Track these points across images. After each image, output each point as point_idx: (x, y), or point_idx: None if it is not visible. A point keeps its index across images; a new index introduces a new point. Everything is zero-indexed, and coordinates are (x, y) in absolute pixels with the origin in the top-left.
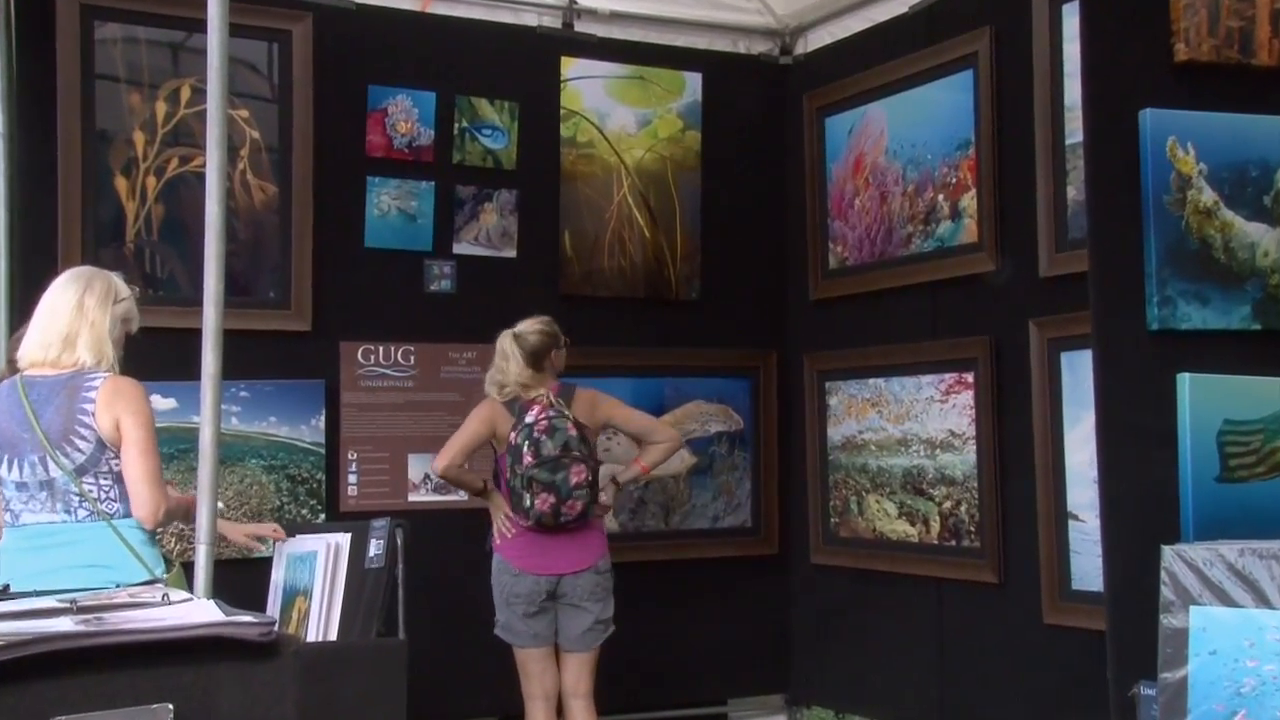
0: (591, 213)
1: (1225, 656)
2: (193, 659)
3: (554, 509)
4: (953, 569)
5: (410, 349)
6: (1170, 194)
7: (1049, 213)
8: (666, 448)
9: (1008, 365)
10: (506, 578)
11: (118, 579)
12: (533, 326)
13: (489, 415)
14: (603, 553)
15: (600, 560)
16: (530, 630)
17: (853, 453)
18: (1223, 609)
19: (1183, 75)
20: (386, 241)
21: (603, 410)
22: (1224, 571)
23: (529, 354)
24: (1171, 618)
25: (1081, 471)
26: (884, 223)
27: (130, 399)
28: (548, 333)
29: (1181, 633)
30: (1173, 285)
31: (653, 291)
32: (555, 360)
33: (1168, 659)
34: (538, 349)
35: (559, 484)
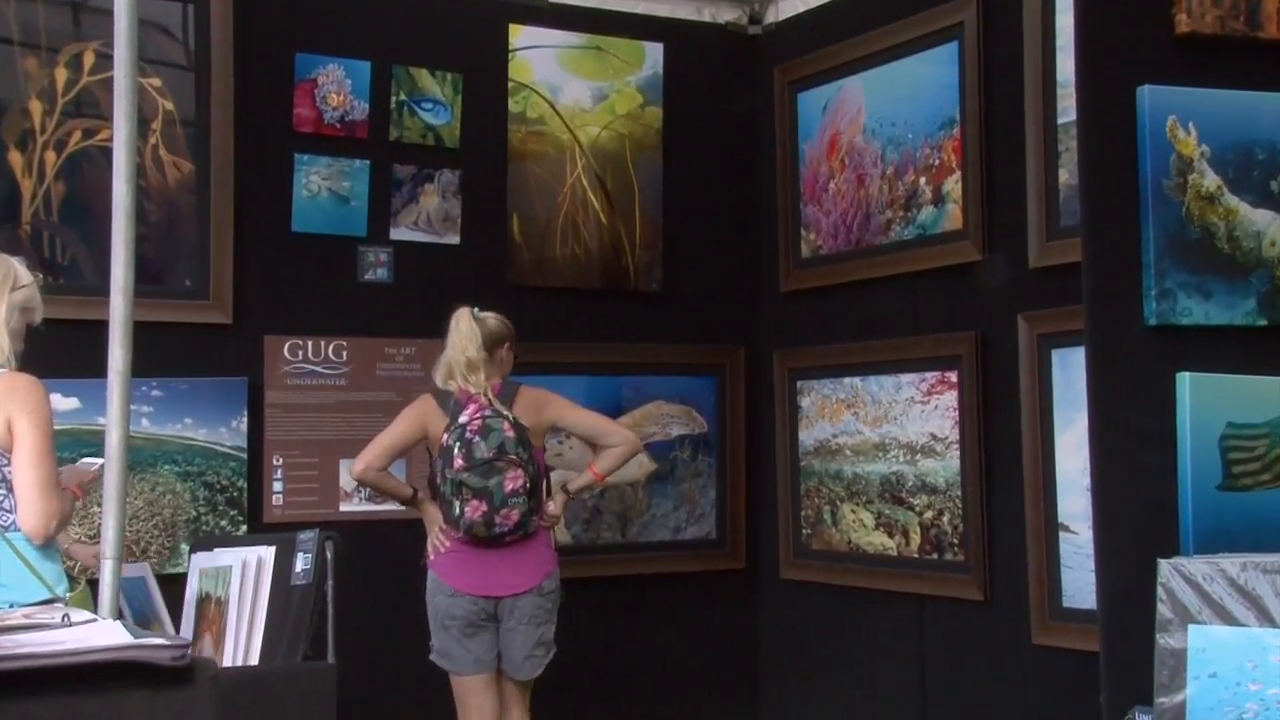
0: (542, 195)
1: (1226, 679)
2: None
3: (486, 518)
4: (934, 585)
5: (342, 344)
6: (1170, 178)
7: (1039, 198)
8: (622, 452)
9: (994, 363)
10: (441, 598)
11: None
12: (492, 314)
13: (420, 414)
14: (549, 570)
15: (545, 580)
16: (470, 654)
17: (826, 458)
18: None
19: (1184, 49)
20: (316, 226)
21: (550, 410)
22: (1225, 587)
23: (486, 335)
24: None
25: (1073, 479)
26: (861, 208)
27: (26, 397)
28: (508, 326)
29: (1179, 654)
30: (1172, 277)
31: (609, 282)
32: (505, 356)
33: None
34: (495, 334)
35: (492, 490)
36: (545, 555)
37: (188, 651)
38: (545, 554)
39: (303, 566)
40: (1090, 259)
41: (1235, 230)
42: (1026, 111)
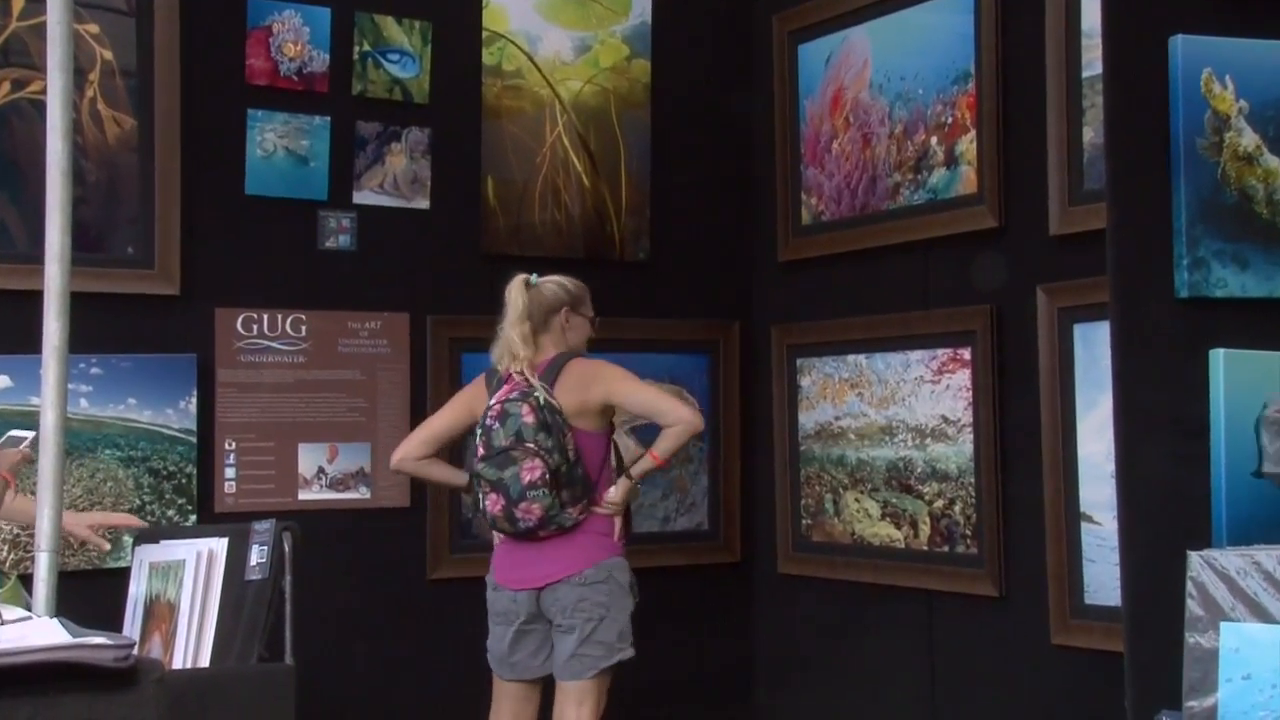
0: (520, 156)
1: (1261, 681)
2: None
3: (506, 512)
4: (945, 580)
5: (301, 318)
6: (1204, 136)
7: (1061, 159)
8: (679, 432)
9: (1011, 339)
10: (489, 591)
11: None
12: (552, 277)
13: (469, 397)
14: (593, 559)
15: (589, 568)
16: (508, 658)
17: (828, 443)
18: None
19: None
20: (272, 188)
21: (600, 386)
22: (1261, 581)
23: (539, 305)
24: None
25: (1096, 465)
26: (867, 170)
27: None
28: (567, 289)
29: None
30: (1206, 245)
31: (593, 251)
32: (566, 326)
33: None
34: (549, 302)
35: (507, 482)
36: (596, 544)
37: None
38: (597, 542)
39: (258, 560)
40: (1116, 225)
41: (1276, 194)
42: (1048, 64)
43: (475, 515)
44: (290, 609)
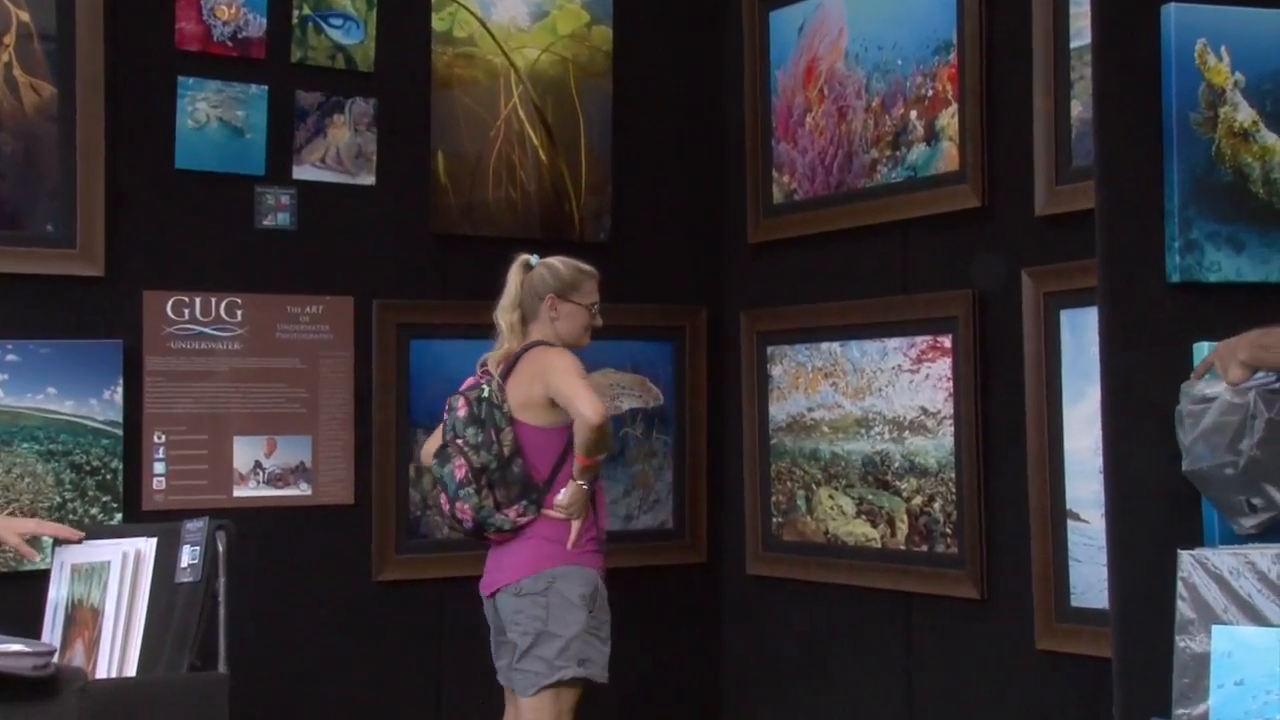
0: (472, 129)
1: (1255, 687)
2: None
3: (451, 512)
4: (924, 581)
5: (236, 301)
6: (1198, 111)
7: (1048, 135)
8: (579, 427)
9: (994, 326)
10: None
11: None
12: (552, 259)
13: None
14: (535, 567)
15: (527, 577)
16: (496, 665)
17: (801, 435)
18: (1252, 629)
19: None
20: (205, 162)
21: (543, 376)
22: (1254, 582)
23: (527, 293)
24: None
25: (1084, 460)
26: (842, 146)
27: None
28: (556, 274)
29: (1202, 658)
30: (1199, 226)
31: (551, 230)
32: (554, 315)
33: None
34: (534, 287)
35: (446, 480)
36: (540, 551)
37: (53, 660)
38: (540, 550)
39: (189, 561)
40: (1105, 206)
41: (1273, 172)
42: (1034, 34)
43: (426, 513)
44: (224, 614)
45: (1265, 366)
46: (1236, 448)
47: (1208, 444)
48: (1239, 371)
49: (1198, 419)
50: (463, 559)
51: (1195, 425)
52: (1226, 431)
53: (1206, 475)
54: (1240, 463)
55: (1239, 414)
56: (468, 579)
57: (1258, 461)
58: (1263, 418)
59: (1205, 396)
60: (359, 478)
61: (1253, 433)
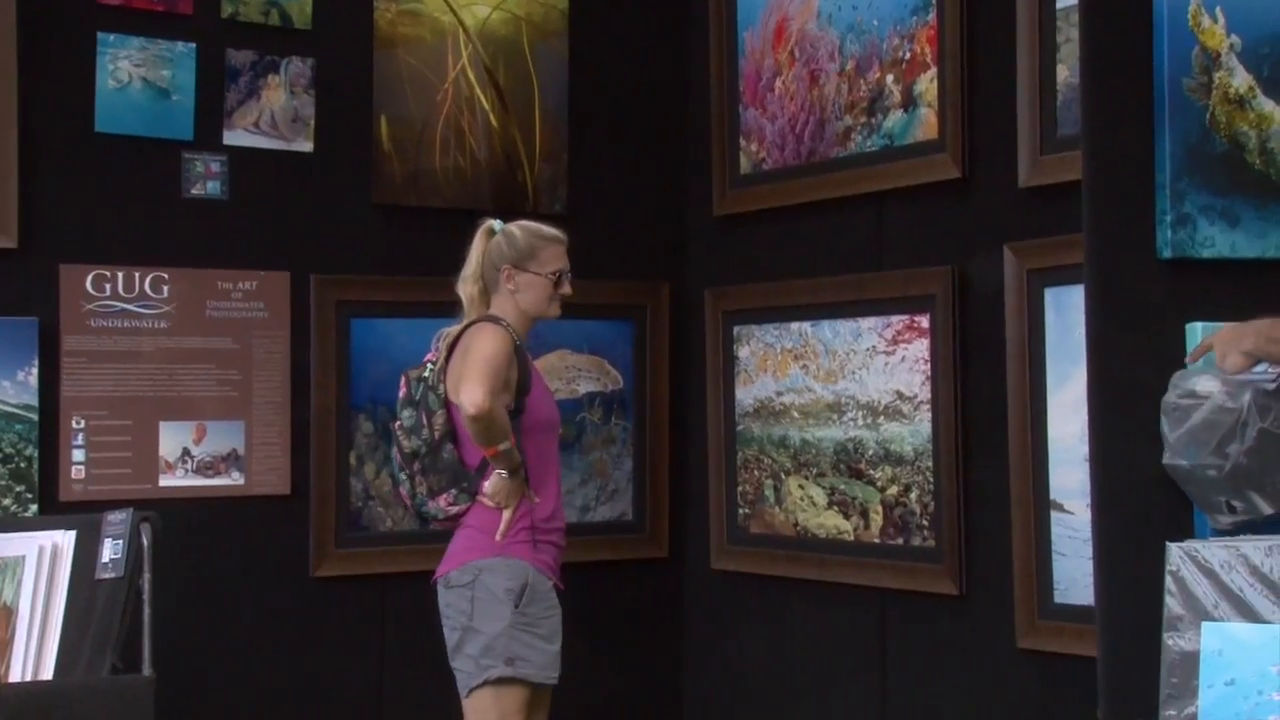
0: (418, 92)
1: (1246, 687)
2: None
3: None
4: (900, 576)
5: (162, 276)
6: (1192, 76)
7: (1032, 101)
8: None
9: (975, 305)
10: None
11: None
12: (514, 226)
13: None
14: (461, 559)
15: (454, 569)
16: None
17: (769, 421)
18: (1244, 625)
19: None
20: (127, 126)
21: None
22: (1246, 576)
23: (487, 263)
24: (1178, 637)
25: (1069, 447)
26: (814, 112)
27: None
28: (512, 242)
29: (1191, 657)
30: (1192, 199)
31: (502, 202)
32: (511, 287)
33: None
34: (490, 260)
35: (392, 463)
36: (469, 541)
37: None
38: (470, 540)
39: (111, 556)
40: (1093, 177)
41: (1270, 141)
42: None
43: (368, 504)
44: (149, 612)
45: (1272, 360)
46: (1224, 451)
47: (1193, 442)
48: (1239, 360)
49: (1185, 415)
50: (407, 553)
51: (1182, 421)
52: (1215, 432)
53: (1187, 472)
54: (1225, 466)
55: (1230, 417)
56: (412, 575)
57: (1243, 468)
58: (1255, 426)
59: (1196, 393)
60: (296, 466)
61: (1243, 440)
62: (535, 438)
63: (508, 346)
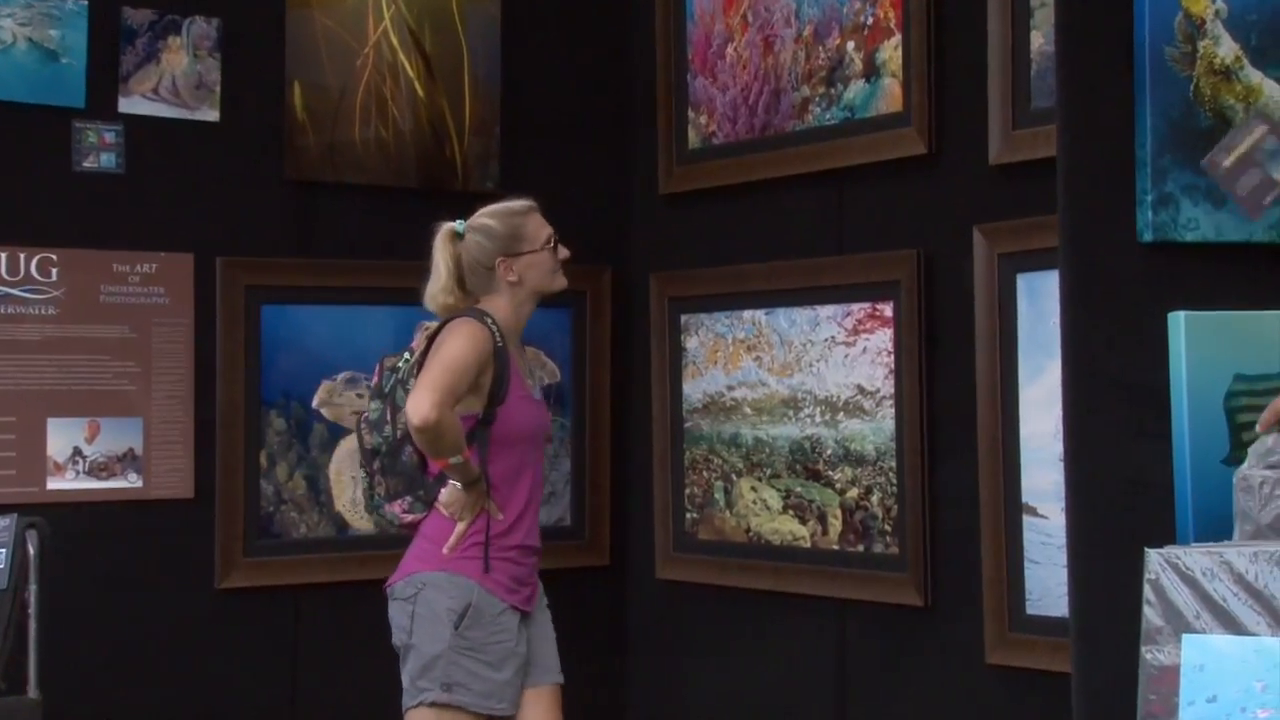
0: (335, 57)
1: (1229, 704)
2: None
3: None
4: (860, 586)
5: (51, 258)
6: (1174, 45)
7: (1003, 71)
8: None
9: (942, 292)
10: None
11: None
12: (478, 218)
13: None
14: (406, 570)
15: (399, 581)
16: None
17: (719, 418)
18: (1227, 638)
19: None
20: (10, 91)
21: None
22: (1229, 584)
23: (468, 270)
24: (1157, 651)
25: (1042, 446)
26: (768, 82)
27: None
28: (491, 234)
29: (1170, 671)
30: (1175, 178)
31: (428, 178)
32: (512, 278)
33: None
34: (475, 263)
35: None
36: (419, 552)
37: None
38: (420, 550)
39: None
40: (1068, 153)
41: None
42: None
43: (279, 509)
44: (36, 627)
45: None
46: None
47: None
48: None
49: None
50: (322, 562)
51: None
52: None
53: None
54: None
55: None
56: (328, 586)
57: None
58: None
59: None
60: (200, 467)
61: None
62: (506, 451)
63: (480, 347)
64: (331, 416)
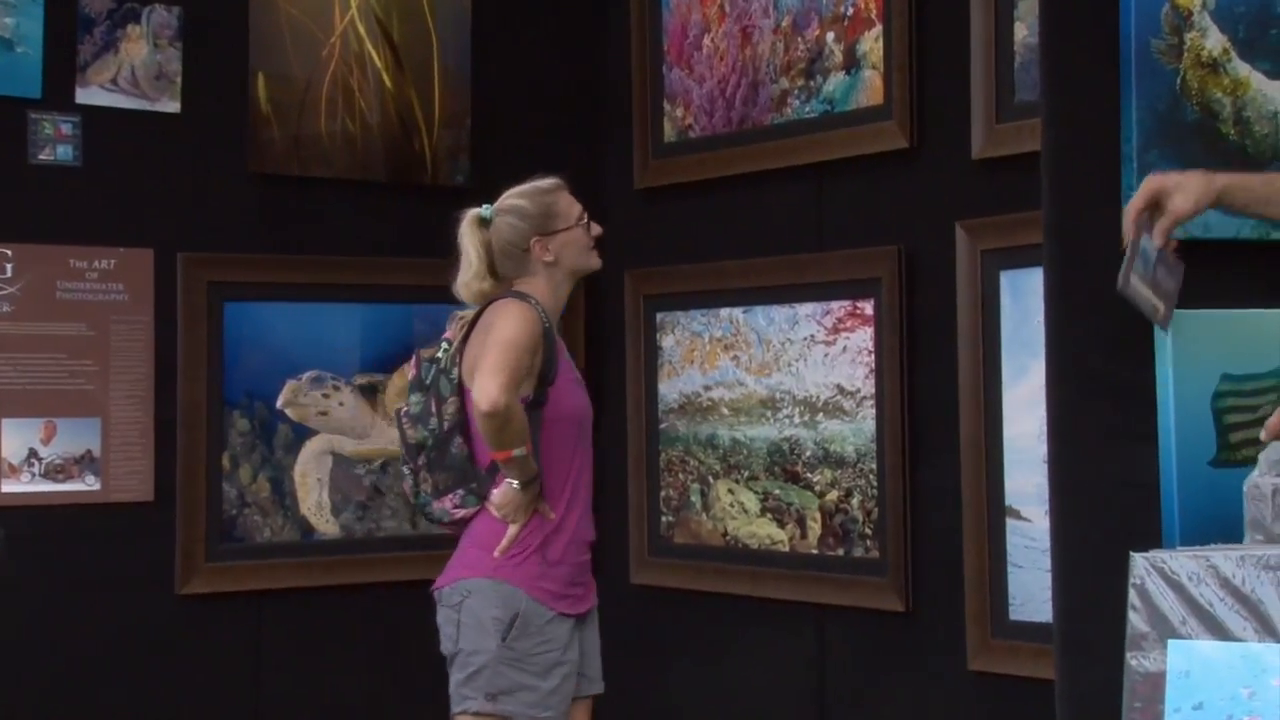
0: (301, 47)
1: (1215, 711)
2: None
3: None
4: (840, 591)
5: (5, 253)
6: (1161, 37)
7: (986, 63)
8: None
9: (924, 290)
10: None
11: None
12: (506, 200)
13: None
14: (455, 575)
15: (446, 586)
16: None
17: (695, 419)
18: (1213, 643)
19: None
20: None
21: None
22: (1216, 589)
23: (500, 254)
24: (1142, 657)
25: (1026, 448)
26: (746, 74)
27: None
28: (523, 213)
29: (1156, 678)
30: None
31: (397, 172)
32: (549, 257)
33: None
34: (507, 241)
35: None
36: (466, 556)
37: None
38: (467, 555)
39: None
40: (1053, 148)
41: (1245, 109)
42: None
43: (243, 512)
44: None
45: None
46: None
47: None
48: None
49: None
50: (287, 567)
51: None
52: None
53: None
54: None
55: None
56: (293, 592)
57: None
58: None
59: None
60: (160, 469)
61: None
62: (558, 434)
63: (533, 329)
64: (296, 417)
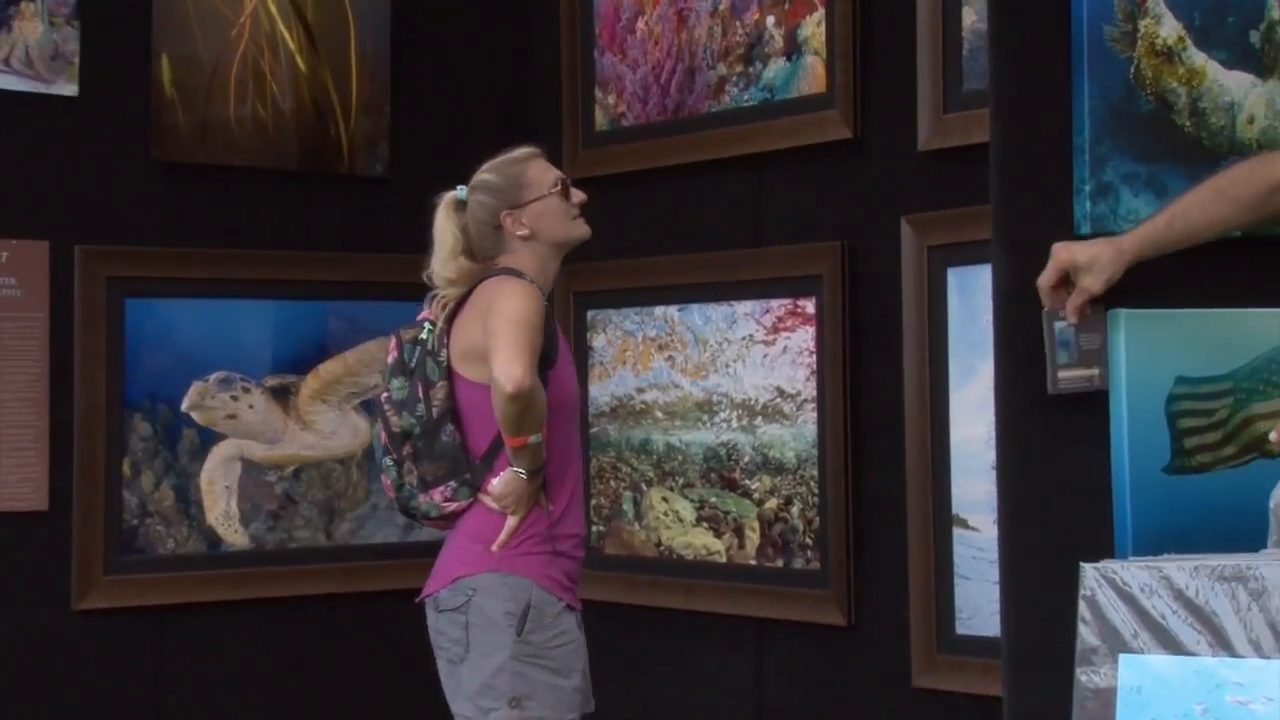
0: (207, 27)
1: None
2: None
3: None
4: (779, 604)
5: None
6: (1114, 24)
7: (933, 50)
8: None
9: (867, 287)
10: None
11: None
12: (478, 176)
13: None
14: (452, 574)
15: (445, 588)
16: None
17: (628, 423)
18: (1165, 657)
19: None
20: None
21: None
22: (1169, 601)
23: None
24: (1092, 672)
25: (974, 453)
26: (682, 60)
27: None
28: (490, 187)
29: (1106, 694)
30: (1114, 166)
31: (311, 161)
32: (523, 231)
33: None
34: (480, 222)
35: (374, 444)
36: (464, 552)
37: None
38: (465, 551)
39: None
40: (1002, 139)
41: (1201, 100)
42: None
43: (145, 522)
44: None
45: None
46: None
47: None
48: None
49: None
50: (191, 581)
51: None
52: None
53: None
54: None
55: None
56: (195, 606)
57: None
58: None
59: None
60: (55, 477)
61: None
62: (560, 420)
63: (539, 305)
64: (203, 421)
